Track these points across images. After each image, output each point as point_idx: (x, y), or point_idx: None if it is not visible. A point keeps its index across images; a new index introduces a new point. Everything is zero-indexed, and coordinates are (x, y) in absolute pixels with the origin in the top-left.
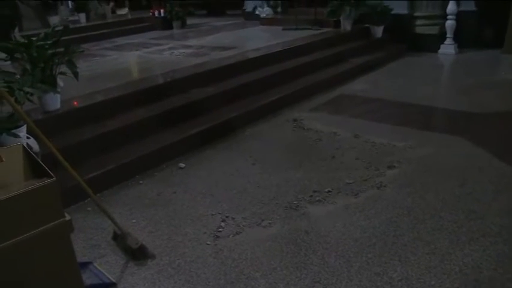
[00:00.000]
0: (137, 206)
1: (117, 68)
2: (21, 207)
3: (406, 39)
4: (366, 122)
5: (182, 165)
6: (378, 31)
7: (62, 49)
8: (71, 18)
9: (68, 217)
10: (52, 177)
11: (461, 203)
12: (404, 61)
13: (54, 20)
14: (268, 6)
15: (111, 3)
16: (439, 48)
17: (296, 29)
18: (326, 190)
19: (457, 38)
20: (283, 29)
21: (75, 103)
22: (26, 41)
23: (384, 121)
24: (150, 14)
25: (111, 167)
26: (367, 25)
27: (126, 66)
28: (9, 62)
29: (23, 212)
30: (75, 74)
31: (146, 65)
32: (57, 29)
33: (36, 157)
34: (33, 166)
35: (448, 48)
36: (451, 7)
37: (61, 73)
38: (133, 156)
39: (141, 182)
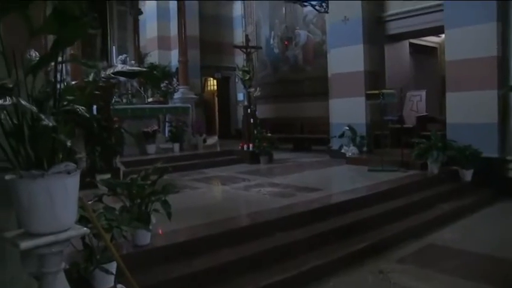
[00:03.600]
0: None
1: (205, 203)
2: None
3: (498, 184)
4: (459, 280)
5: None
6: (467, 174)
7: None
8: (165, 146)
9: None
10: None
11: None
12: (497, 207)
13: (151, 148)
14: (354, 145)
15: (204, 135)
16: None
17: (382, 170)
18: None
19: None
20: (368, 170)
21: (160, 232)
22: (128, 181)
23: (479, 280)
24: (239, 147)
25: None
26: (455, 167)
27: (214, 201)
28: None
29: None
30: (169, 215)
31: (233, 203)
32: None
33: None
34: None
35: None
36: None
37: (155, 210)
38: None
39: None
